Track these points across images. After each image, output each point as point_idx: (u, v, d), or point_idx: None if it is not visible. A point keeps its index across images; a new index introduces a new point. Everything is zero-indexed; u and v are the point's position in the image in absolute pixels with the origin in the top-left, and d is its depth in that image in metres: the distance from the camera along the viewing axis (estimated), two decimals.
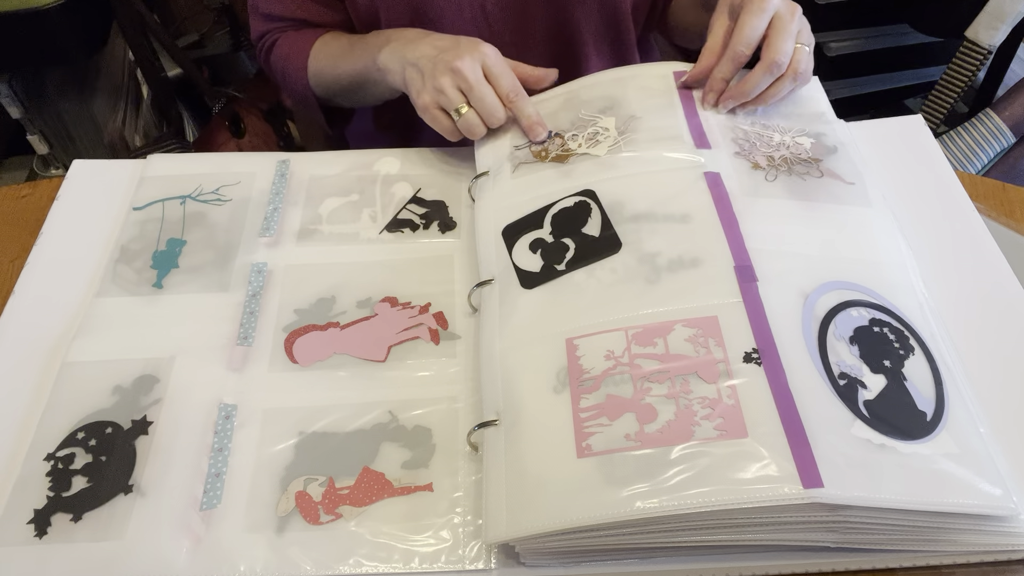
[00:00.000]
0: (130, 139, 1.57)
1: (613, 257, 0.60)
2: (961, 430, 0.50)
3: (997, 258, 0.66)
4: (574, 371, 0.54)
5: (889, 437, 0.49)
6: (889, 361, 0.53)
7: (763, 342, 0.53)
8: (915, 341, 0.55)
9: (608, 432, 0.50)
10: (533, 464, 0.51)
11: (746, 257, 0.58)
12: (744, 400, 0.50)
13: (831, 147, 0.69)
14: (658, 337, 0.54)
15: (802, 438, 0.48)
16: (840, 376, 0.52)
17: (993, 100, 1.59)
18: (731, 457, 0.48)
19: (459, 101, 0.69)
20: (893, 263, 0.60)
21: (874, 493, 0.46)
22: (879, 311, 0.56)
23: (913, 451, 0.49)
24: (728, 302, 0.55)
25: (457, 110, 0.70)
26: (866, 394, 0.51)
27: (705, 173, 0.64)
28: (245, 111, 1.46)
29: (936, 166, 0.74)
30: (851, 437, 0.49)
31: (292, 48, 0.86)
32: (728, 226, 0.60)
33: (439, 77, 0.69)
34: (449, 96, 0.69)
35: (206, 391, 0.60)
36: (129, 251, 0.70)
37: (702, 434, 0.49)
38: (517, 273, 0.62)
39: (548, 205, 0.66)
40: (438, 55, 0.71)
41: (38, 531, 0.53)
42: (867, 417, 0.50)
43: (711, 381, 0.51)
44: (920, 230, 0.68)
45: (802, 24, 0.69)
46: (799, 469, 0.47)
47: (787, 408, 0.50)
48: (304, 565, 0.51)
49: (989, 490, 0.47)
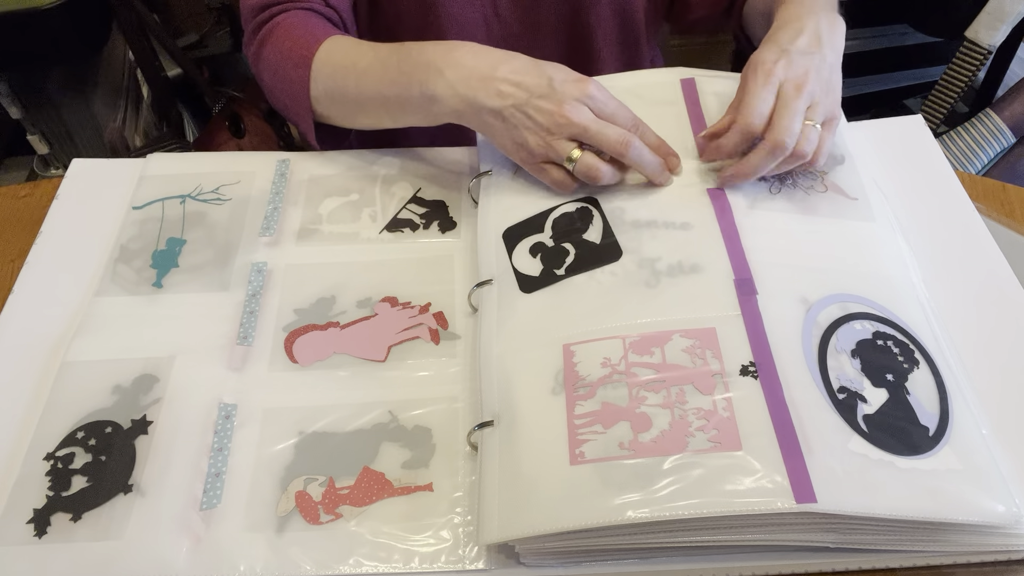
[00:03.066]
0: (130, 139, 1.57)
1: (613, 265, 0.60)
2: (966, 445, 0.50)
3: (997, 258, 0.66)
4: (570, 377, 0.54)
5: (887, 452, 0.49)
6: (892, 375, 0.53)
7: (760, 355, 0.52)
8: (920, 355, 0.54)
9: (602, 440, 0.50)
10: (526, 468, 0.51)
11: (746, 270, 0.58)
12: (739, 413, 0.50)
13: (838, 157, 0.68)
14: (655, 346, 0.54)
15: (797, 452, 0.48)
16: (839, 390, 0.52)
17: (993, 100, 1.59)
18: (724, 469, 0.47)
19: (571, 150, 0.62)
20: (898, 277, 0.60)
21: (868, 509, 0.46)
22: (884, 324, 0.56)
23: (912, 466, 0.48)
24: (727, 315, 0.55)
25: (569, 158, 0.62)
26: (866, 408, 0.51)
27: (709, 190, 0.64)
28: (245, 111, 1.46)
29: (936, 166, 0.74)
30: (847, 452, 0.48)
31: (293, 44, 0.72)
32: (729, 238, 0.60)
33: (544, 137, 0.62)
34: (561, 152, 0.62)
35: (206, 391, 0.60)
36: (129, 250, 0.70)
37: (696, 445, 0.49)
38: (516, 277, 0.62)
39: (550, 209, 0.66)
40: (531, 101, 0.61)
41: (38, 531, 0.53)
42: (865, 431, 0.50)
43: (707, 393, 0.51)
44: (920, 230, 0.68)
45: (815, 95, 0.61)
46: (792, 483, 0.47)
47: (782, 422, 0.49)
48: (304, 565, 0.51)
49: (991, 507, 0.47)
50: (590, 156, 0.62)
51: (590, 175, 0.63)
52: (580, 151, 0.62)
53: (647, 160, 0.63)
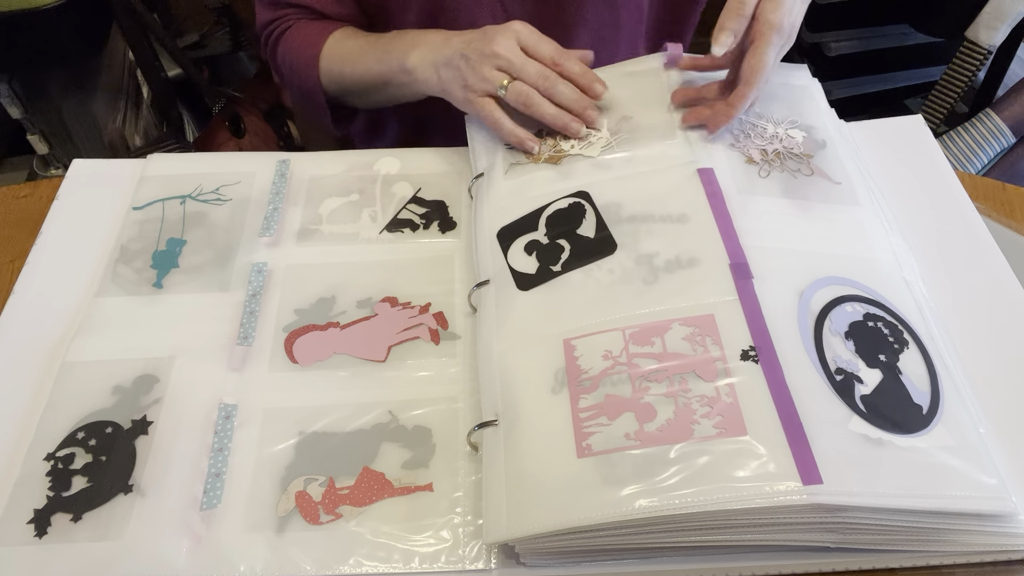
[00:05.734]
0: (130, 139, 1.57)
1: (609, 258, 0.60)
2: (957, 423, 0.50)
3: (997, 258, 0.66)
4: (572, 371, 0.54)
5: (886, 431, 0.49)
6: (884, 355, 0.54)
7: (760, 339, 0.53)
8: (909, 335, 0.55)
9: (608, 432, 0.50)
10: (533, 465, 0.51)
11: (741, 254, 0.58)
12: (742, 398, 0.50)
13: (820, 142, 0.69)
14: (655, 336, 0.54)
15: (800, 435, 0.48)
16: (837, 371, 0.52)
17: (993, 100, 1.59)
18: (730, 455, 0.48)
19: (502, 79, 0.68)
20: (884, 260, 0.61)
21: (872, 488, 0.47)
22: (873, 306, 0.56)
23: (911, 444, 0.49)
24: (724, 300, 0.55)
25: (502, 85, 0.68)
26: (862, 389, 0.52)
27: (699, 170, 0.64)
28: (245, 111, 1.46)
29: (936, 166, 0.74)
30: (849, 432, 0.49)
31: (303, 41, 0.83)
32: (723, 223, 0.60)
33: (478, 67, 0.68)
34: (492, 79, 0.68)
35: (206, 391, 0.60)
36: (129, 251, 0.70)
37: (701, 432, 0.49)
38: (513, 275, 0.62)
39: (542, 207, 0.66)
40: (468, 47, 0.70)
41: (38, 531, 0.53)
42: (864, 412, 0.50)
43: (709, 379, 0.51)
44: (920, 230, 0.68)
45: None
46: (798, 466, 0.47)
47: (785, 405, 0.50)
48: (304, 565, 0.51)
49: (985, 480, 0.48)
50: (521, 83, 0.68)
51: (524, 100, 0.68)
52: (511, 80, 0.68)
53: (561, 93, 0.69)
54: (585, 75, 0.70)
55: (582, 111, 0.69)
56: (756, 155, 0.66)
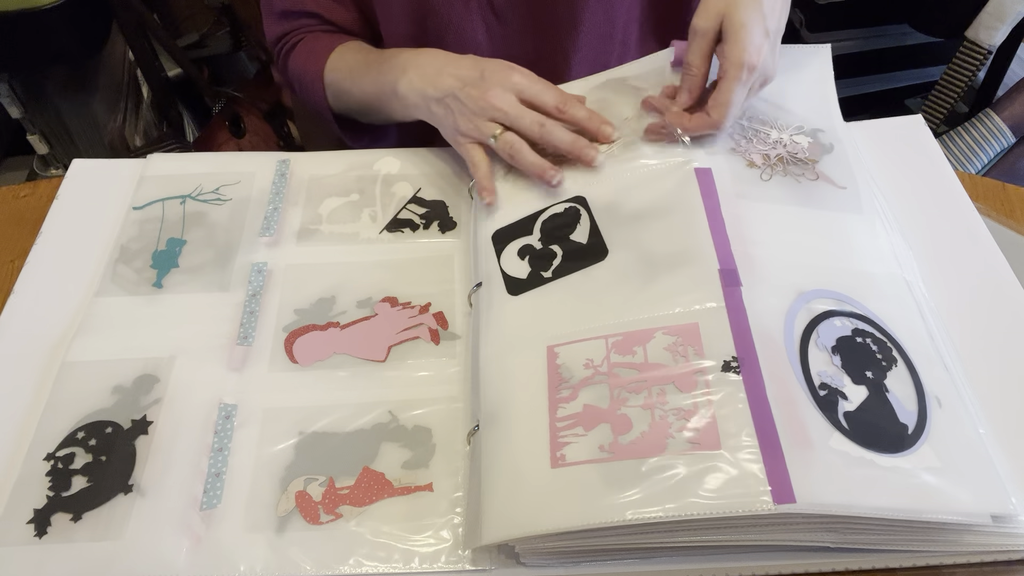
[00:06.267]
0: (130, 139, 1.57)
1: (600, 264, 0.60)
2: (945, 443, 0.50)
3: (997, 258, 0.66)
4: (553, 379, 0.54)
5: (868, 450, 0.48)
6: (871, 372, 0.53)
7: (743, 350, 0.52)
8: (898, 353, 0.54)
9: (583, 442, 0.50)
10: (508, 471, 0.51)
11: (731, 260, 0.57)
12: (720, 411, 0.49)
13: (827, 145, 0.68)
14: (637, 346, 0.54)
15: (777, 451, 0.47)
16: (821, 386, 0.51)
17: (993, 100, 1.60)
18: (702, 472, 0.47)
19: (495, 129, 0.68)
20: (880, 273, 0.59)
21: (848, 508, 0.46)
22: (862, 321, 0.55)
23: (893, 464, 0.48)
24: (710, 307, 0.54)
25: (494, 135, 0.67)
26: (846, 405, 0.51)
27: (696, 169, 0.63)
28: (245, 111, 1.46)
29: (936, 166, 0.74)
30: (828, 449, 0.48)
31: (309, 56, 0.83)
32: (715, 227, 0.59)
33: (471, 116, 0.68)
34: (484, 130, 0.68)
35: (206, 391, 0.60)
36: (129, 251, 0.70)
37: (675, 446, 0.48)
38: (504, 279, 0.62)
39: (539, 211, 0.66)
40: (462, 89, 0.69)
41: (38, 531, 0.53)
42: (846, 429, 0.49)
43: (687, 391, 0.51)
44: (920, 230, 0.68)
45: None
46: (771, 483, 0.46)
47: (763, 420, 0.48)
48: (304, 565, 0.51)
49: (971, 504, 0.47)
50: (511, 134, 0.67)
51: (509, 150, 0.67)
52: (504, 130, 0.67)
53: (559, 139, 0.67)
54: (591, 119, 0.68)
55: (580, 152, 0.67)
56: (758, 159, 0.66)
